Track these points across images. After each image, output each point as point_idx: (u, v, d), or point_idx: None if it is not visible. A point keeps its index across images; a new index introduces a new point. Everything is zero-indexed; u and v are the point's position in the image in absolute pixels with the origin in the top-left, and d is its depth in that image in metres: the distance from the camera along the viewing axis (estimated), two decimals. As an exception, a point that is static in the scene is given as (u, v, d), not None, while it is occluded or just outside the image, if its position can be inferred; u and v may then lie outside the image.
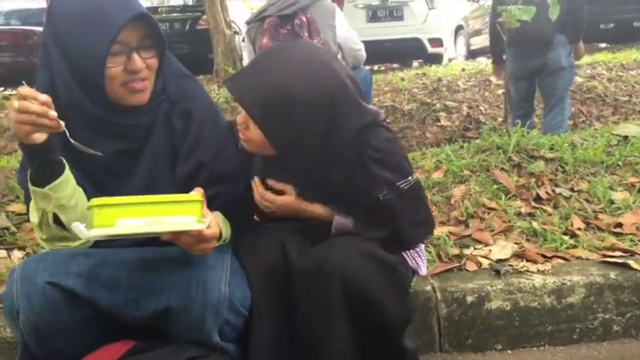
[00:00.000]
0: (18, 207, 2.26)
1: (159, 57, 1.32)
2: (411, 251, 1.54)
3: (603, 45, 9.05)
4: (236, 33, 8.33)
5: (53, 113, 1.10)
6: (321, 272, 1.27)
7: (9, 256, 2.05)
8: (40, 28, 8.39)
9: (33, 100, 1.09)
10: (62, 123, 1.12)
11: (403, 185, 1.40)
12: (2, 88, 8.51)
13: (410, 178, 1.42)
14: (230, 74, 7.30)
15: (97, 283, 1.20)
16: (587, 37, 7.35)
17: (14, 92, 9.23)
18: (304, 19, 2.97)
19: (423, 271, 1.60)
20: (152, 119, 1.35)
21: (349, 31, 3.24)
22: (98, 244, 1.28)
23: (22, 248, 2.09)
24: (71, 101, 1.24)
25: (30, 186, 1.20)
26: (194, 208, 1.10)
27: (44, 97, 1.10)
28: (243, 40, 10.37)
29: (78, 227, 1.10)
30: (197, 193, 1.14)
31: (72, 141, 1.17)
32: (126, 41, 1.24)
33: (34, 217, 1.25)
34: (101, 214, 1.04)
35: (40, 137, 1.13)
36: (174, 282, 1.21)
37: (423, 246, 1.61)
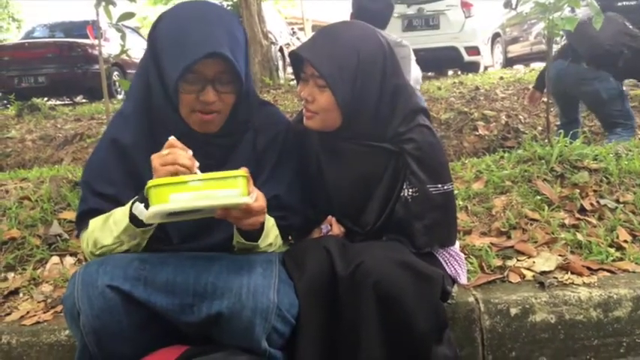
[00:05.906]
0: (70, 215, 2.34)
1: (237, 93, 1.37)
2: (451, 259, 1.55)
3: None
4: (272, 43, 8.43)
5: (198, 170, 1.20)
6: (355, 276, 1.30)
7: (61, 262, 2.13)
8: (83, 40, 8.71)
9: (181, 151, 1.20)
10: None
11: (433, 190, 1.43)
12: (46, 99, 8.80)
13: (441, 186, 1.45)
14: (267, 84, 7.41)
15: (154, 287, 1.24)
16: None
17: (58, 102, 9.56)
18: None
19: (463, 279, 1.61)
20: (233, 143, 1.44)
21: (417, 74, 3.34)
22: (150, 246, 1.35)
23: (73, 254, 2.16)
24: (159, 106, 1.35)
25: (127, 222, 1.25)
26: (240, 182, 1.15)
27: (191, 153, 1.21)
28: (280, 51, 10.42)
29: (138, 208, 1.19)
30: (242, 169, 1.18)
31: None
32: (202, 72, 1.30)
33: (107, 240, 1.30)
34: (157, 193, 1.12)
35: None
36: (226, 288, 1.24)
37: (462, 255, 1.62)
